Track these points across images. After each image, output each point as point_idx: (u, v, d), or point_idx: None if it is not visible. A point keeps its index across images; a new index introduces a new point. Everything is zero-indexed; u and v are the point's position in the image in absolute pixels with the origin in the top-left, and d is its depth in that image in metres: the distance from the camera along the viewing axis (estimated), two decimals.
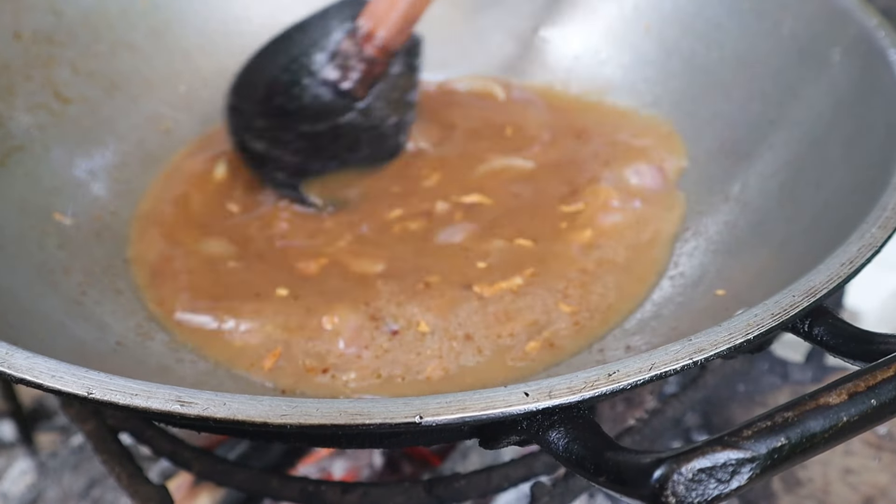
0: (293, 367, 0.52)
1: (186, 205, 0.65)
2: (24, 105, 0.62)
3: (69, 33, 0.66)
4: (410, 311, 0.54)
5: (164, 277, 0.59)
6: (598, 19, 0.75)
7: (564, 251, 0.58)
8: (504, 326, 0.53)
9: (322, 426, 0.32)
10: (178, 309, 0.56)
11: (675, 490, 0.27)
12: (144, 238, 0.62)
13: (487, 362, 0.52)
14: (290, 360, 0.52)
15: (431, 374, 0.51)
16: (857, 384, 0.30)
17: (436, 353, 0.52)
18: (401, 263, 0.58)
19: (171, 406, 0.32)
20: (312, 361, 0.52)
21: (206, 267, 0.59)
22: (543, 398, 0.32)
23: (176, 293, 0.57)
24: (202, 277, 0.59)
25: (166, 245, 0.61)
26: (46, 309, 0.50)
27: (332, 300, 0.55)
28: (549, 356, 0.52)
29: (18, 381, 0.34)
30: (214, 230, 0.63)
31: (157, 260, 0.60)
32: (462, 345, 0.53)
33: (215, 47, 0.74)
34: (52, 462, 0.82)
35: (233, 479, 0.54)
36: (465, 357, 0.52)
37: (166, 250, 0.61)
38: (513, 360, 0.52)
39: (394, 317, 0.54)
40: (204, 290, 0.57)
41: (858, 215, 0.42)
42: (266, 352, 0.53)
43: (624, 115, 0.70)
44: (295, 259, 0.59)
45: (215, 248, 0.61)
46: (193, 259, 0.60)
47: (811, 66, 0.59)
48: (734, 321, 0.36)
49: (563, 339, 0.53)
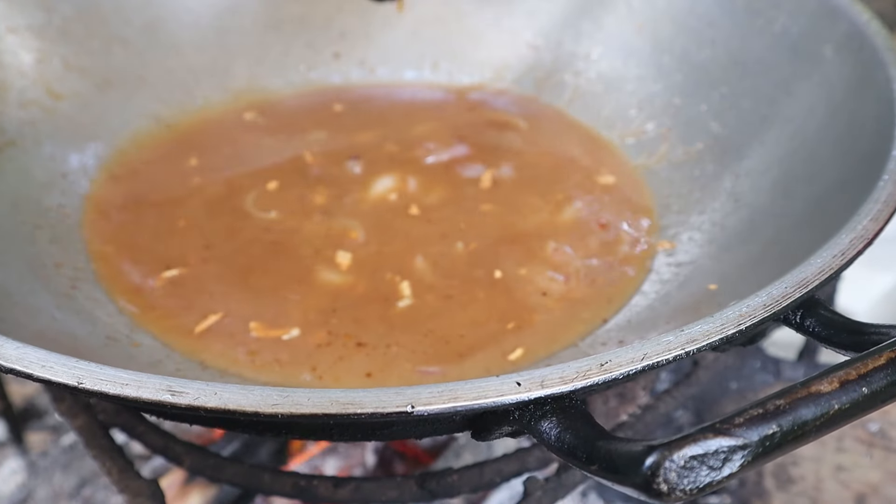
0: (283, 364, 0.52)
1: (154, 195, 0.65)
2: (16, 101, 0.62)
3: (61, 29, 0.66)
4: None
5: (114, 261, 0.58)
6: (590, 18, 0.75)
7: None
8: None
9: (313, 415, 0.31)
10: (158, 307, 0.56)
11: (667, 477, 0.27)
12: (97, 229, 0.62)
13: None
14: (281, 356, 0.52)
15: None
16: (848, 372, 0.30)
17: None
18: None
19: (162, 396, 0.32)
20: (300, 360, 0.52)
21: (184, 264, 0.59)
22: (536, 388, 0.32)
23: (153, 289, 0.57)
24: (143, 258, 0.59)
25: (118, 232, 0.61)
26: (38, 303, 0.50)
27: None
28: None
29: (8, 370, 0.34)
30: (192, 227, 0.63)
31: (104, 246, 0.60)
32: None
33: (208, 43, 0.74)
34: (42, 461, 0.82)
35: (224, 474, 0.53)
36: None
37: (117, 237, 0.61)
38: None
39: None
40: (181, 286, 0.57)
41: (850, 210, 0.42)
42: (255, 348, 0.53)
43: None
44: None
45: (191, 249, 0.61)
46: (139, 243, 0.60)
47: (803, 63, 0.59)
48: (726, 312, 0.36)
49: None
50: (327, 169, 0.68)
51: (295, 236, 0.61)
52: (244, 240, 0.61)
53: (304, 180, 0.67)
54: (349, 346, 0.53)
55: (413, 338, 0.53)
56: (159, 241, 0.60)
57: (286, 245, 0.60)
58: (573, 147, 0.70)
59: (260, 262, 0.59)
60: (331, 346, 0.53)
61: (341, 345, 0.53)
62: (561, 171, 0.67)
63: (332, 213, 0.63)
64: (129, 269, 0.58)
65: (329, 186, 0.66)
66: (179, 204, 0.64)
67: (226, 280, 0.57)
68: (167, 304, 0.56)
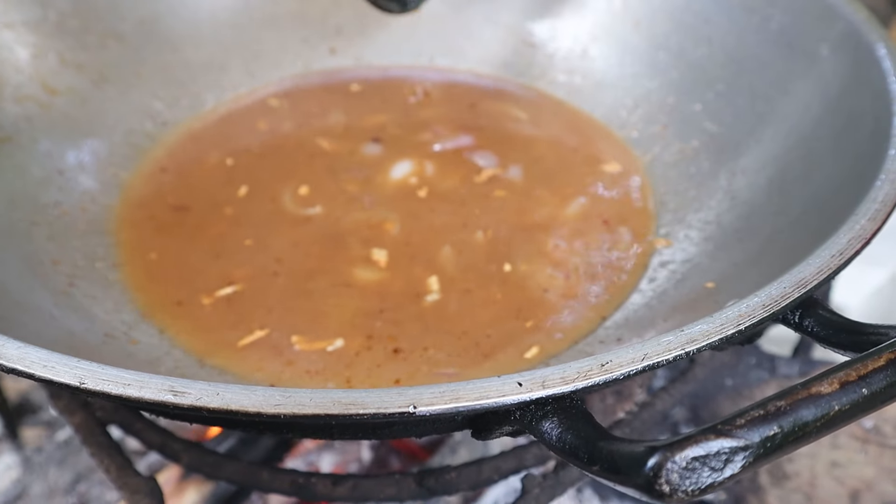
0: (282, 358, 0.52)
1: (176, 197, 0.64)
2: (12, 96, 0.62)
3: (57, 24, 0.66)
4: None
5: (151, 269, 0.58)
6: (587, 15, 0.75)
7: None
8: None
9: (316, 416, 0.32)
10: (166, 303, 0.56)
11: (669, 478, 0.28)
12: (132, 230, 0.61)
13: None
14: (279, 352, 0.52)
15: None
16: (848, 374, 0.30)
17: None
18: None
19: (164, 396, 0.32)
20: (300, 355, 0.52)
21: (196, 260, 0.59)
22: (537, 388, 0.32)
23: (164, 286, 0.57)
24: (191, 270, 0.58)
25: (155, 237, 0.61)
26: (36, 300, 0.50)
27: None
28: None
29: (10, 370, 0.34)
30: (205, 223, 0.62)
31: (145, 252, 0.60)
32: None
33: (204, 39, 0.73)
34: (37, 457, 0.81)
35: (222, 472, 0.53)
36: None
37: (155, 243, 0.60)
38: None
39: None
40: (193, 283, 0.57)
41: (847, 208, 0.43)
42: (255, 344, 0.53)
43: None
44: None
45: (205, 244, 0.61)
46: (183, 252, 0.60)
47: (799, 61, 0.59)
48: (726, 312, 0.36)
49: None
50: (346, 153, 0.69)
51: (340, 227, 0.62)
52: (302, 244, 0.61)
53: (330, 169, 0.67)
54: (388, 350, 0.53)
55: (446, 339, 0.54)
56: (213, 254, 0.60)
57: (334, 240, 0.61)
58: (574, 140, 0.70)
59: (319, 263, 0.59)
60: (371, 350, 0.53)
61: (381, 349, 0.53)
62: (564, 164, 0.68)
63: (366, 202, 0.64)
64: (179, 280, 0.58)
65: (352, 172, 0.67)
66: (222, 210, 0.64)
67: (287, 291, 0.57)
68: (213, 317, 0.55)
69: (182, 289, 0.57)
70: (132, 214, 0.62)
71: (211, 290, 0.56)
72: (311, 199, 0.64)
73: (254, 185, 0.65)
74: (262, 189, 0.65)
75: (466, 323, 0.54)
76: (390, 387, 0.49)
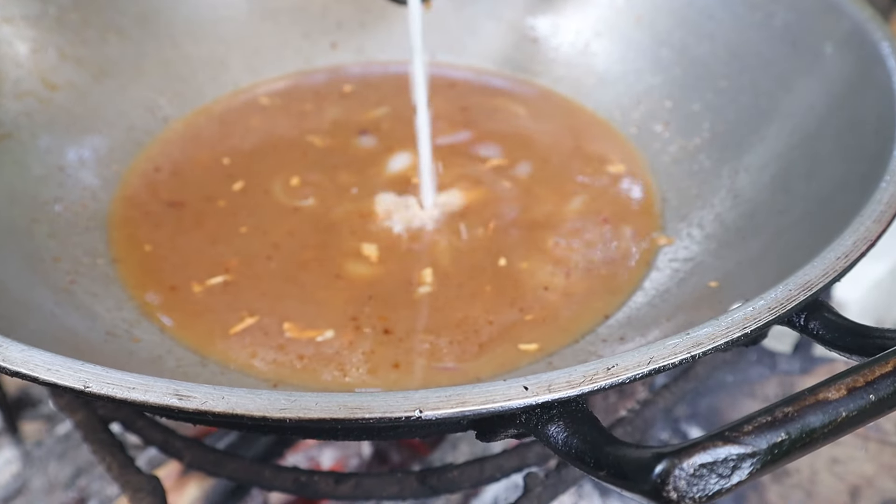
0: (284, 359, 0.52)
1: (170, 192, 0.64)
2: (12, 91, 0.61)
3: (57, 19, 0.66)
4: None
5: (146, 261, 0.58)
6: (589, 10, 0.75)
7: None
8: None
9: (321, 420, 0.31)
10: (164, 299, 0.56)
11: (677, 485, 0.27)
12: (127, 225, 0.61)
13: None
14: (281, 352, 0.52)
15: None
16: (855, 379, 0.30)
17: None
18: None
19: (170, 400, 0.32)
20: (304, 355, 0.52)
21: (193, 255, 0.59)
22: (543, 392, 0.32)
23: (163, 283, 0.57)
24: (188, 266, 0.58)
25: (149, 231, 0.61)
26: (37, 298, 0.50)
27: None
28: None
29: (14, 374, 0.34)
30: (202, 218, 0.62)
31: (139, 244, 0.60)
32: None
33: (204, 33, 0.73)
34: (37, 451, 0.81)
35: (224, 469, 0.53)
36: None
37: (149, 236, 0.60)
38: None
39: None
40: (191, 278, 0.57)
41: (851, 207, 0.42)
42: (256, 343, 0.53)
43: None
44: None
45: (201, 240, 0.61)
46: (177, 243, 0.60)
47: (803, 59, 0.59)
48: (731, 315, 0.36)
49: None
50: (342, 147, 0.69)
51: (332, 218, 0.62)
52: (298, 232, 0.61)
53: (325, 161, 0.68)
54: (378, 335, 0.53)
55: (442, 325, 0.54)
56: (207, 244, 0.60)
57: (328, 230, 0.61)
58: (575, 137, 0.70)
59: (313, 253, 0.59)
60: (360, 331, 0.53)
61: (371, 330, 0.53)
62: (565, 160, 0.67)
63: (359, 193, 0.64)
64: (172, 270, 0.58)
65: (349, 164, 0.67)
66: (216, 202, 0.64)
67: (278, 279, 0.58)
68: (207, 306, 0.55)
69: (175, 276, 0.57)
70: (126, 210, 0.62)
71: (202, 277, 0.57)
72: (303, 190, 0.64)
73: (249, 179, 0.65)
74: (257, 182, 0.65)
75: (458, 314, 0.55)
76: (389, 372, 0.50)
